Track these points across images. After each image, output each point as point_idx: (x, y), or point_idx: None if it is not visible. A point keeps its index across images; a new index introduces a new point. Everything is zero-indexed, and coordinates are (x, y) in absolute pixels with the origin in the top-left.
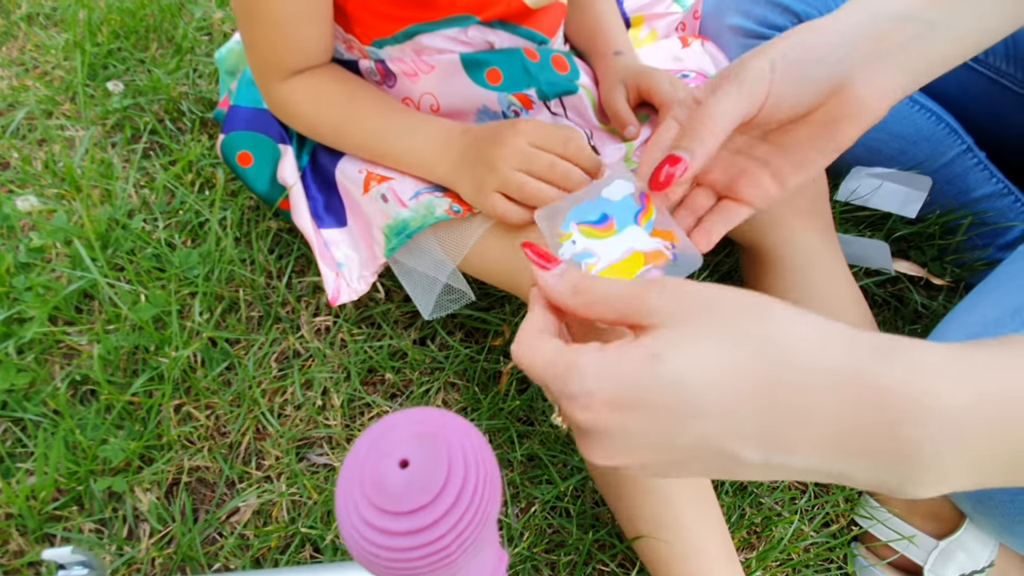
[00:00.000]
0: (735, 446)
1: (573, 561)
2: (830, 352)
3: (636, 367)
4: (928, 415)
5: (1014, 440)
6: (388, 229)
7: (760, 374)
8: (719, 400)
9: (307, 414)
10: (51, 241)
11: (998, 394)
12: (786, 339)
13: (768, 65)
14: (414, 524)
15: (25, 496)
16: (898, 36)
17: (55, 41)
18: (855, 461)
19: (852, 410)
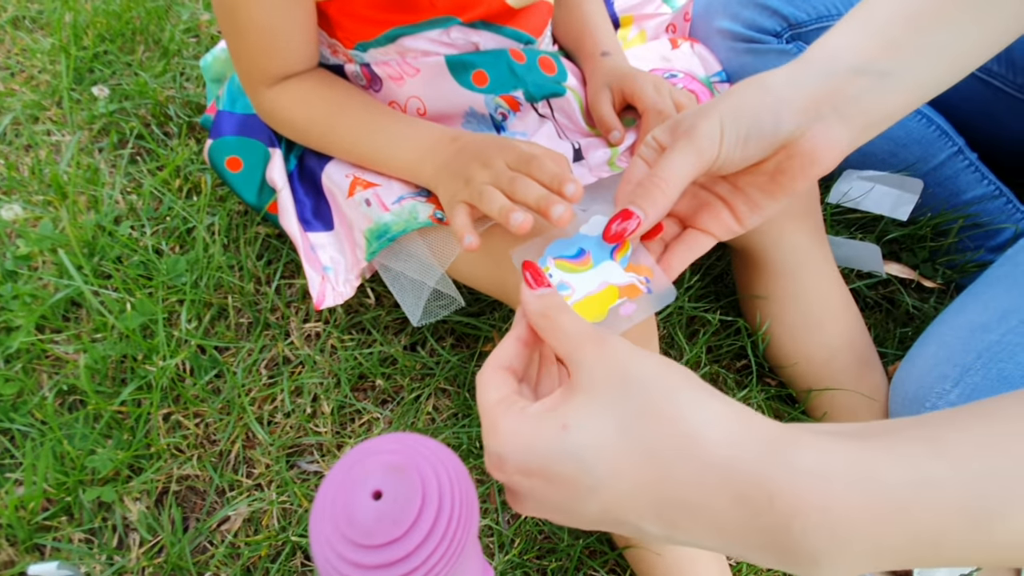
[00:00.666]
0: (635, 520)
1: (564, 567)
2: (724, 447)
3: (545, 438)
4: (815, 520)
5: (908, 540)
6: (369, 233)
7: (655, 465)
8: (615, 481)
9: (297, 421)
10: (37, 249)
11: (881, 496)
12: (685, 431)
13: (718, 126)
14: (387, 557)
15: (14, 506)
16: (850, 90)
17: (40, 45)
18: (752, 553)
19: (741, 509)
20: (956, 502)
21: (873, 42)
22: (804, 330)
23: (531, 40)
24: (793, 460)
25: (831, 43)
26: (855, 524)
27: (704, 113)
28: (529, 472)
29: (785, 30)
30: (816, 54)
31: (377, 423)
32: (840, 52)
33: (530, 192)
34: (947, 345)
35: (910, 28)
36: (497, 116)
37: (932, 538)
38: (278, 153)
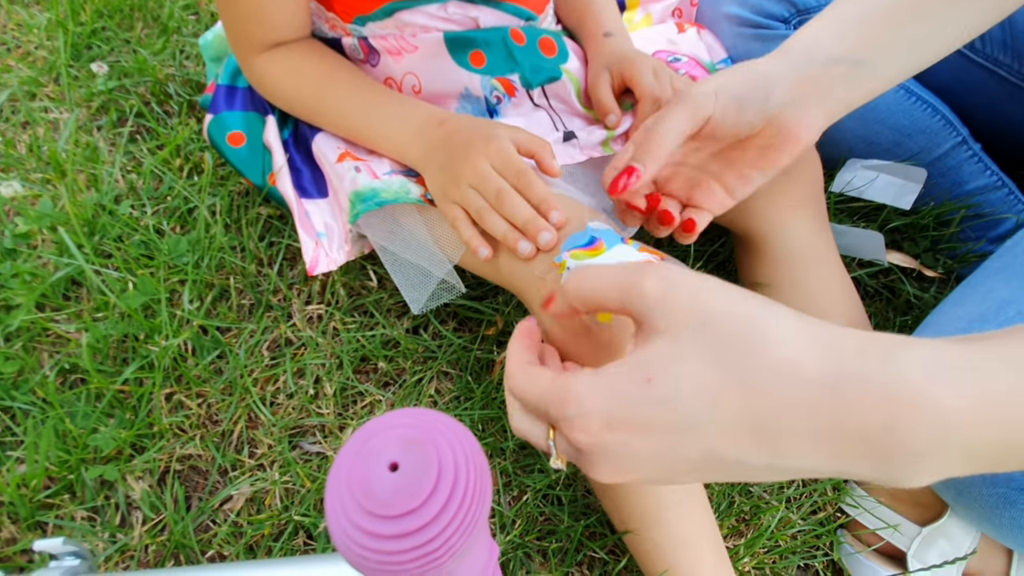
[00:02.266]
0: (738, 454)
1: (564, 548)
2: (819, 362)
3: (630, 388)
4: (919, 419)
5: (1002, 439)
6: (354, 196)
7: (753, 393)
8: (713, 417)
9: (299, 403)
10: (36, 227)
11: (986, 394)
12: (780, 355)
13: (713, 90)
14: (403, 528)
15: (16, 484)
16: (825, 79)
17: (37, 20)
18: (853, 462)
19: (843, 418)
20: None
21: (850, 35)
22: None
23: (532, 16)
24: (897, 365)
25: (812, 32)
26: (959, 426)
27: (701, 82)
28: (619, 423)
29: (793, 16)
30: (795, 45)
31: (379, 405)
32: (820, 41)
33: (518, 213)
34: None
35: (888, 23)
36: (492, 99)
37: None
38: (272, 120)
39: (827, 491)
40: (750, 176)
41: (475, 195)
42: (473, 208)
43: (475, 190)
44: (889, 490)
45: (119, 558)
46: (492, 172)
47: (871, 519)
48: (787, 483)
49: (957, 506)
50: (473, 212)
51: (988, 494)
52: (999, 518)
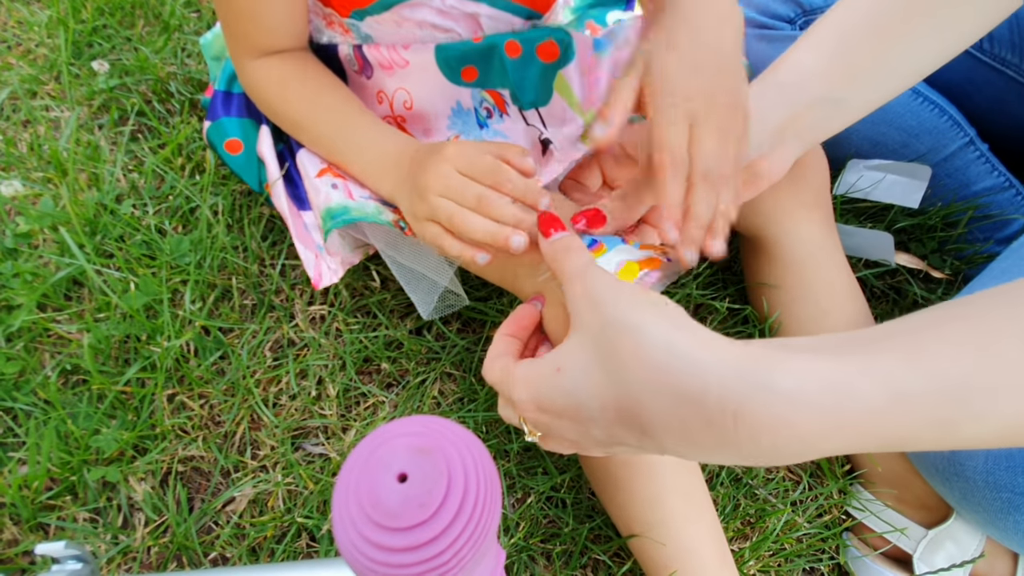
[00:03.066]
0: (631, 440)
1: (568, 551)
2: (690, 374)
3: (544, 379)
4: (785, 431)
5: (873, 440)
6: (326, 212)
7: (634, 398)
8: (604, 412)
9: (302, 404)
10: (38, 227)
11: (856, 407)
12: (657, 364)
13: None
14: (413, 540)
15: (18, 486)
16: (808, 118)
17: (38, 18)
18: (721, 458)
19: (713, 429)
20: (928, 414)
21: (839, 68)
22: (812, 319)
23: (536, 15)
24: (768, 383)
25: (801, 64)
26: (824, 436)
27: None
28: (543, 408)
29: (799, 16)
30: (787, 75)
31: (382, 406)
32: (808, 79)
33: (504, 213)
34: None
35: (875, 46)
36: (482, 111)
37: (899, 444)
38: (266, 130)
39: (833, 494)
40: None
41: (444, 203)
42: (445, 216)
43: (444, 198)
44: (896, 493)
45: (121, 559)
46: (460, 177)
47: (877, 522)
48: (793, 486)
49: (962, 510)
50: (446, 221)
51: (992, 499)
52: (1003, 523)
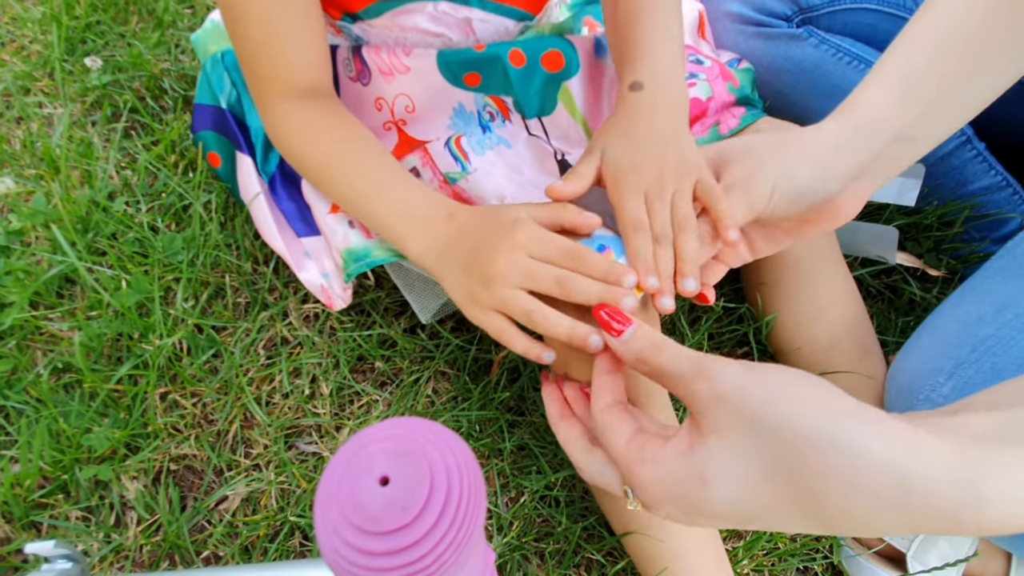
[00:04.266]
0: (794, 529)
1: (562, 550)
2: (894, 475)
3: (687, 490)
4: (995, 526)
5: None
6: (347, 253)
7: (814, 500)
8: (773, 516)
9: (295, 402)
10: (30, 224)
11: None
12: (844, 465)
13: (771, 186)
14: (395, 544)
15: (10, 484)
16: (887, 157)
17: (31, 14)
18: (910, 534)
19: (922, 524)
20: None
21: (911, 108)
22: (808, 317)
23: (527, 17)
24: (981, 491)
25: (874, 104)
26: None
27: (760, 167)
28: (687, 515)
29: (796, 14)
30: (861, 115)
31: (376, 405)
32: (882, 120)
33: (591, 293)
34: (942, 338)
35: (943, 88)
36: (485, 115)
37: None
38: (247, 162)
39: None
40: (781, 240)
41: (519, 296)
42: (519, 312)
43: (518, 289)
44: None
45: (114, 558)
46: (537, 263)
47: None
48: None
49: None
50: (521, 316)
51: None
52: None
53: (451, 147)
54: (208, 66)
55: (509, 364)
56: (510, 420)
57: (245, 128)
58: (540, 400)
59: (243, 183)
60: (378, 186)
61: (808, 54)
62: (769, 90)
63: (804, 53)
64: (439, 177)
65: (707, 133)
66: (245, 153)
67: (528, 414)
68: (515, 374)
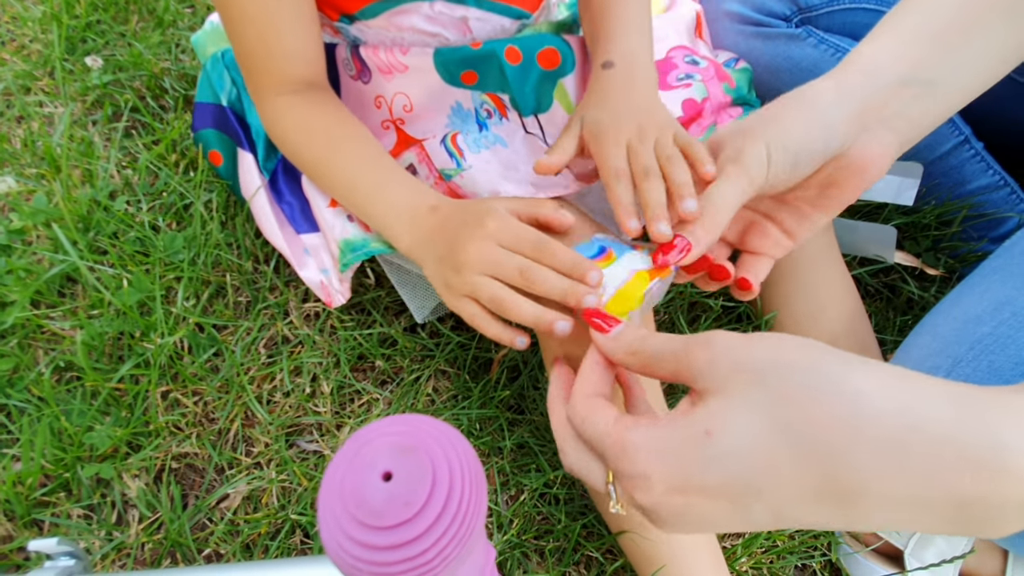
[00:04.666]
0: (811, 516)
1: (561, 548)
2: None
3: (688, 447)
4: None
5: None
6: (344, 243)
7: (822, 455)
8: (778, 484)
9: (296, 401)
10: (31, 223)
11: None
12: (849, 412)
13: (764, 150)
14: (398, 538)
15: (12, 482)
16: (897, 103)
17: (31, 13)
18: (934, 523)
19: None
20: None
21: (917, 50)
22: (807, 315)
23: (524, 15)
24: (994, 434)
25: (874, 51)
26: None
27: (749, 137)
28: (683, 488)
29: (795, 14)
30: (860, 63)
31: (376, 404)
32: (885, 62)
33: (553, 287)
34: (940, 336)
35: (950, 35)
36: (482, 112)
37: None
38: (248, 159)
39: None
40: (811, 216)
41: (486, 282)
42: (487, 297)
43: (486, 276)
44: None
45: (115, 556)
46: (504, 251)
47: None
48: None
49: None
50: (488, 302)
51: None
52: None
53: (447, 144)
54: (208, 65)
55: (509, 363)
56: (510, 418)
57: (246, 125)
58: (540, 399)
59: (244, 180)
60: (369, 181)
61: (807, 54)
62: (768, 90)
63: (803, 53)
64: (435, 174)
65: (704, 134)
66: (246, 150)
67: (528, 412)
68: (515, 372)
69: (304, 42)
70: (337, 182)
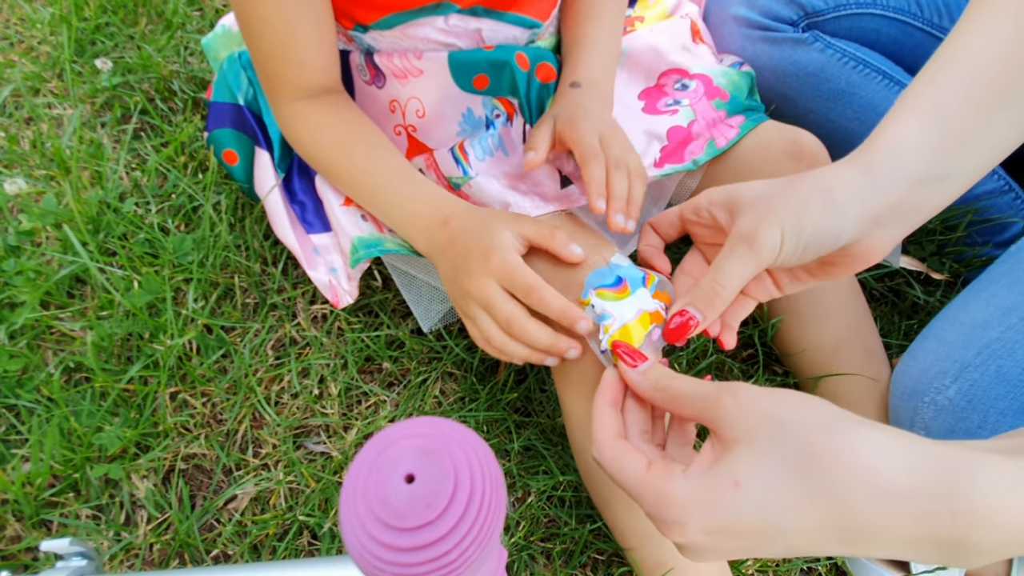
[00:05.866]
0: (820, 550)
1: (568, 550)
2: (902, 473)
3: (723, 498)
4: (988, 534)
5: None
6: (358, 240)
7: (835, 501)
8: (799, 524)
9: (304, 402)
10: (41, 224)
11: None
12: (860, 464)
13: (779, 237)
14: (420, 540)
15: (21, 483)
16: (913, 200)
17: (40, 15)
18: (923, 556)
19: (922, 527)
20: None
21: (942, 142)
22: (814, 319)
23: (536, 24)
24: (974, 483)
25: (900, 140)
26: (1018, 532)
27: (766, 218)
28: (713, 532)
29: (802, 19)
30: (884, 154)
31: (384, 405)
32: (908, 160)
33: (536, 341)
34: (947, 341)
35: (976, 122)
36: (493, 118)
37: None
38: (265, 157)
39: None
40: (805, 280)
41: (484, 318)
42: (484, 335)
43: (485, 312)
44: None
45: (124, 556)
46: (499, 295)
47: None
48: None
49: None
50: (484, 338)
51: None
52: None
53: (454, 151)
54: (225, 65)
55: (516, 366)
56: (517, 421)
57: (263, 125)
58: (547, 401)
59: (260, 178)
60: (383, 184)
61: (813, 58)
62: (774, 94)
63: (809, 57)
64: (443, 182)
65: (703, 151)
66: (263, 148)
67: (535, 415)
68: (522, 375)
69: (321, 50)
70: (353, 185)
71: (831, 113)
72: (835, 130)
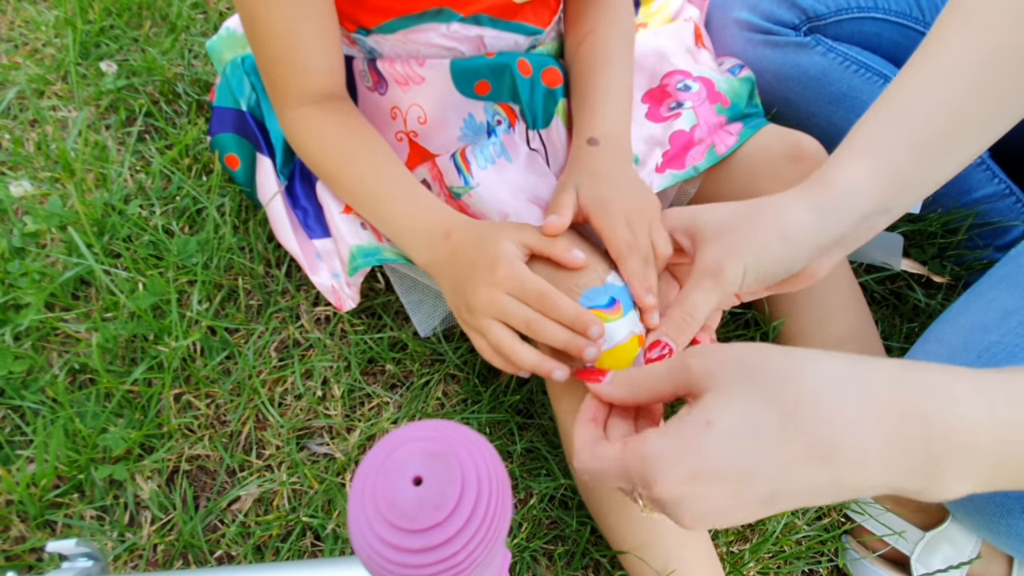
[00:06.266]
0: (801, 480)
1: (570, 552)
2: (867, 394)
3: (694, 438)
4: (959, 452)
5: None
6: (357, 249)
7: (804, 423)
8: (777, 459)
9: (307, 404)
10: (46, 226)
11: (1015, 428)
12: (822, 392)
13: (741, 272)
14: (428, 541)
15: (26, 483)
16: (858, 232)
17: (45, 17)
18: (904, 483)
19: (903, 452)
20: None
21: (891, 186)
22: (815, 321)
23: (538, 31)
24: (954, 409)
25: (854, 189)
26: (988, 461)
27: (730, 255)
28: (693, 477)
29: (803, 23)
30: (837, 191)
31: (387, 407)
32: (859, 202)
33: (556, 339)
34: (948, 344)
35: (924, 159)
36: (494, 124)
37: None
38: (267, 163)
39: None
40: (758, 292)
41: (495, 326)
42: (494, 341)
43: (495, 320)
44: (893, 497)
45: (128, 557)
46: (511, 302)
47: (875, 525)
48: None
49: (957, 513)
50: (494, 347)
51: (986, 502)
52: (996, 525)
53: (456, 159)
54: (228, 70)
55: None
56: (520, 423)
57: (265, 130)
58: (549, 403)
59: (262, 184)
60: (384, 195)
61: (815, 62)
62: (776, 98)
63: (811, 61)
64: (445, 192)
65: (704, 157)
66: (265, 154)
67: (537, 417)
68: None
69: (326, 56)
70: (354, 193)
71: (833, 117)
72: (837, 133)
